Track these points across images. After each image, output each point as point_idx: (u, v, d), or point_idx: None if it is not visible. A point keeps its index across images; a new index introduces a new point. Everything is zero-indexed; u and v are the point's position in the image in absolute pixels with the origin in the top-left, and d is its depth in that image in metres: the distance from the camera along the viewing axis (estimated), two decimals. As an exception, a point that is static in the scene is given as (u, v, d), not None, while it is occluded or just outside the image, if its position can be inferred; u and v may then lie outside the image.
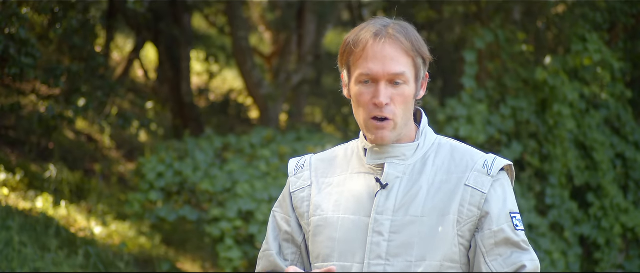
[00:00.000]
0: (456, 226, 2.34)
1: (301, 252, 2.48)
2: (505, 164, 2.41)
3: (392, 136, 2.37)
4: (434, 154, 2.41)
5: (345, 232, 2.38)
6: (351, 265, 2.35)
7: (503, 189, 2.38)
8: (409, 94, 2.36)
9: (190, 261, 9.09)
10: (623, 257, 9.49)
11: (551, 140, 8.81)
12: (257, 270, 2.51)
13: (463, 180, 2.36)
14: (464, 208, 2.34)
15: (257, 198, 7.81)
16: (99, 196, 9.28)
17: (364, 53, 2.35)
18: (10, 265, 6.57)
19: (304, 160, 2.53)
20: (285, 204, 2.50)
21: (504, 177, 2.41)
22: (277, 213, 2.52)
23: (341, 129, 14.55)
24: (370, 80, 2.35)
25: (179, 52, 11.64)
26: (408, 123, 2.40)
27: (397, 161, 2.39)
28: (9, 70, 7.09)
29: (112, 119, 9.70)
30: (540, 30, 9.57)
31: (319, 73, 15.39)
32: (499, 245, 2.34)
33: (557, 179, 8.77)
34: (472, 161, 2.39)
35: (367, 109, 2.36)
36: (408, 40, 2.36)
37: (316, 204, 2.44)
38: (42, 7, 7.70)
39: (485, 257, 2.34)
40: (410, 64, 2.36)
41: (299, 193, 2.48)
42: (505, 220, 2.35)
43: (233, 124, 14.20)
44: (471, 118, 8.35)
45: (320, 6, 11.18)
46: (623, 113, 9.52)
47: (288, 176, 2.53)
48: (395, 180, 2.37)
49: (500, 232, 2.34)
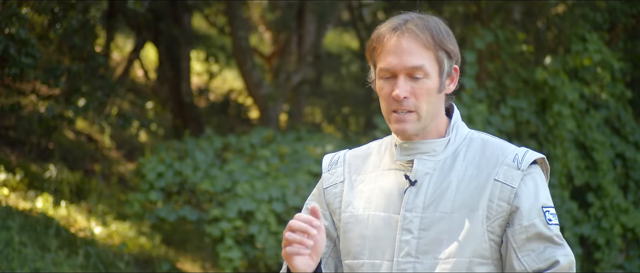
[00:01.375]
0: (485, 222, 2.31)
1: (335, 247, 2.47)
2: (537, 157, 2.37)
3: (414, 128, 2.35)
4: (465, 149, 2.39)
5: (375, 229, 2.37)
6: (381, 263, 2.34)
7: (534, 183, 2.34)
8: (432, 87, 2.34)
9: (190, 261, 9.09)
10: (623, 257, 9.49)
11: (551, 140, 8.81)
12: None
13: (492, 175, 2.33)
14: (493, 204, 2.31)
15: (257, 198, 7.81)
16: (99, 196, 9.28)
17: (383, 48, 2.35)
18: (10, 265, 6.57)
19: (338, 156, 2.53)
20: (320, 199, 2.49)
21: (536, 171, 2.37)
22: (309, 205, 2.51)
23: (341, 129, 14.56)
24: (390, 74, 2.34)
25: (179, 52, 11.64)
26: (436, 117, 2.38)
27: (427, 157, 2.37)
28: (9, 70, 7.09)
29: (112, 119, 9.70)
30: (540, 30, 9.57)
31: (319, 73, 15.40)
32: (531, 240, 2.30)
33: (557, 179, 8.77)
34: (502, 155, 2.36)
35: (388, 103, 2.35)
36: (427, 34, 2.34)
37: (347, 201, 2.44)
38: (42, 7, 7.70)
39: (517, 252, 2.30)
40: (431, 57, 2.34)
41: (332, 189, 2.48)
42: (537, 214, 2.31)
43: (233, 124, 14.20)
44: (471, 118, 8.35)
45: (320, 6, 11.18)
46: (623, 113, 9.52)
47: (322, 172, 2.52)
48: (425, 176, 2.36)
49: (531, 226, 2.30)
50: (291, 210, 7.90)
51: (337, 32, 17.22)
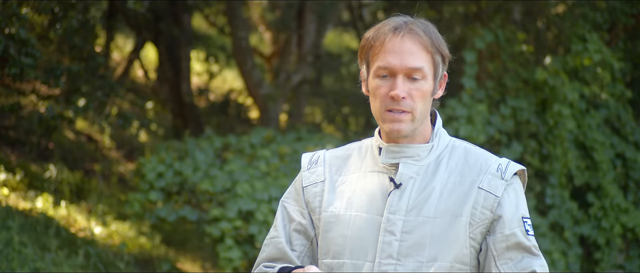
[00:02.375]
0: (468, 228, 2.34)
1: (312, 246, 2.48)
2: (518, 169, 2.42)
3: (408, 129, 2.37)
4: (448, 156, 2.42)
5: (357, 229, 2.38)
6: (363, 264, 2.35)
7: (516, 193, 2.39)
8: (427, 89, 2.37)
9: (190, 261, 9.09)
10: (623, 257, 9.49)
11: (551, 140, 8.81)
12: (261, 256, 2.48)
13: (476, 183, 2.37)
14: (476, 211, 2.35)
15: (257, 198, 7.81)
16: (99, 196, 9.28)
17: (383, 47, 2.36)
18: (10, 265, 6.57)
19: (318, 155, 2.54)
20: (298, 197, 2.50)
21: (517, 182, 2.42)
22: (288, 204, 2.51)
23: (341, 129, 14.55)
24: (388, 73, 2.36)
25: (179, 52, 11.64)
26: (424, 121, 2.41)
27: (412, 161, 2.40)
28: (9, 70, 7.08)
29: (112, 119, 9.70)
30: (540, 30, 9.57)
31: (319, 73, 15.40)
32: (510, 249, 2.34)
33: (557, 179, 8.77)
34: (486, 164, 2.40)
35: (384, 102, 2.37)
36: (428, 37, 2.37)
37: (328, 200, 2.45)
38: (42, 7, 7.70)
39: (496, 260, 2.34)
40: (429, 60, 2.37)
41: (312, 188, 2.49)
42: (518, 224, 2.36)
43: (233, 124, 14.20)
44: (471, 118, 8.35)
45: (320, 6, 11.18)
46: (623, 113, 9.52)
47: (301, 170, 2.53)
48: (409, 180, 2.38)
49: (512, 236, 2.35)
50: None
51: (337, 32, 17.22)
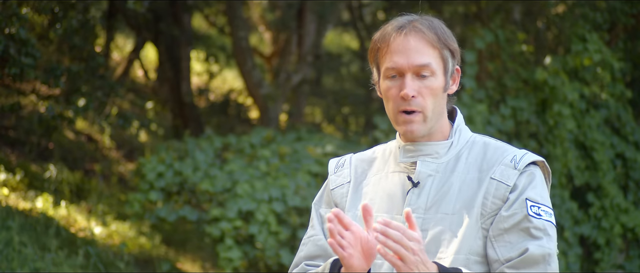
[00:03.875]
0: (480, 219, 2.33)
1: None
2: (535, 159, 2.38)
3: (422, 129, 2.36)
4: (467, 152, 2.41)
5: None
6: (382, 263, 2.34)
7: (529, 179, 2.35)
8: (437, 86, 2.36)
9: (190, 261, 9.08)
10: (623, 257, 9.49)
11: (551, 140, 8.81)
12: (300, 255, 2.48)
13: (489, 174, 2.35)
14: (487, 201, 2.33)
15: (257, 198, 7.81)
16: (99, 196, 9.28)
17: (389, 47, 2.35)
18: (10, 265, 6.57)
19: (344, 159, 2.56)
20: (329, 200, 2.52)
21: (535, 170, 2.37)
22: (320, 207, 2.53)
23: (341, 129, 14.55)
24: (396, 73, 2.35)
25: (179, 52, 11.64)
26: (440, 118, 2.40)
27: (430, 159, 2.39)
28: (9, 70, 7.08)
29: (112, 119, 9.70)
30: (540, 30, 9.57)
31: (319, 73, 15.40)
32: (508, 230, 2.30)
33: (557, 179, 8.77)
34: (501, 156, 2.37)
35: (396, 103, 2.36)
36: (433, 33, 2.36)
37: (351, 201, 2.46)
38: (42, 7, 7.70)
39: (493, 241, 2.31)
40: (437, 55, 2.36)
41: (339, 189, 2.50)
42: (520, 205, 2.31)
43: (233, 124, 14.20)
44: (471, 118, 8.35)
45: (320, 6, 11.18)
46: (623, 113, 9.52)
47: (328, 175, 2.55)
48: (428, 178, 2.38)
49: (510, 217, 2.31)
50: (291, 210, 7.90)
51: (337, 32, 17.21)
